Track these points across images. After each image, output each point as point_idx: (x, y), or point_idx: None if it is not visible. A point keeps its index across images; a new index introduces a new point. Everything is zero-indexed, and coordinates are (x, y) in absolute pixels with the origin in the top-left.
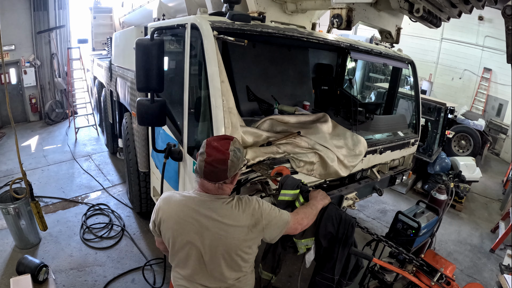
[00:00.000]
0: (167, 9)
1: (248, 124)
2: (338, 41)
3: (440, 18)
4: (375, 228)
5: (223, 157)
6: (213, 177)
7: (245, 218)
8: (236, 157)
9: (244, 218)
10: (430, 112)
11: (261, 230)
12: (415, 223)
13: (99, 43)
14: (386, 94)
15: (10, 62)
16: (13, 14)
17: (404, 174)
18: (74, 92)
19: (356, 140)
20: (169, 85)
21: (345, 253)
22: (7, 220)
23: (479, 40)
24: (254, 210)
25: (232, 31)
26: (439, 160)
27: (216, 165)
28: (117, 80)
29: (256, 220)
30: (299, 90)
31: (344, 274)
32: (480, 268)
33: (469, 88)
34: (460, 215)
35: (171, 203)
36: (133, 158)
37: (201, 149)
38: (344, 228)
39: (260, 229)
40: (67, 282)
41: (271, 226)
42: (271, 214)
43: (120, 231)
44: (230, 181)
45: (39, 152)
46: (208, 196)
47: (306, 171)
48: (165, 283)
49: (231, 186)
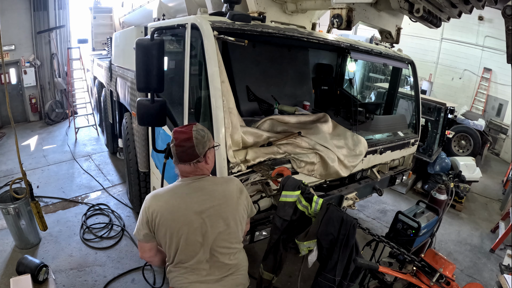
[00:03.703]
0: (167, 9)
1: (248, 124)
2: (338, 41)
3: (440, 18)
4: (375, 228)
5: (187, 136)
6: (185, 157)
7: (231, 186)
8: (200, 135)
9: (230, 186)
10: (430, 112)
11: (246, 198)
12: (415, 223)
13: (99, 43)
14: (386, 94)
15: (10, 62)
16: (13, 14)
17: (404, 174)
18: (74, 92)
19: (357, 140)
20: (169, 85)
21: (346, 254)
22: (7, 220)
23: (479, 40)
24: (236, 181)
25: (232, 31)
26: (439, 160)
27: (183, 144)
28: (117, 80)
29: (241, 188)
30: (299, 90)
31: (345, 276)
32: (480, 268)
33: (469, 88)
34: (460, 215)
35: (159, 198)
36: (133, 158)
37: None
38: (345, 229)
39: (245, 197)
40: (67, 282)
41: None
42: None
43: (120, 231)
44: (204, 160)
45: (39, 152)
46: (190, 179)
47: (306, 172)
48: (165, 283)
49: (207, 166)
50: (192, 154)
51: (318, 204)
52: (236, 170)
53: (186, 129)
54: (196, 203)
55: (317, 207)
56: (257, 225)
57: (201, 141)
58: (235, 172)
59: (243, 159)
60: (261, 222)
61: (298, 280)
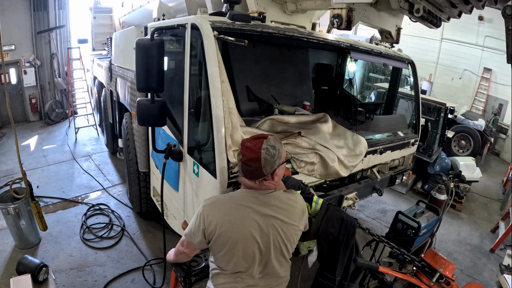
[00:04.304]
0: (167, 9)
1: (248, 124)
2: (338, 41)
3: (440, 18)
4: (375, 228)
5: (255, 156)
6: (250, 175)
7: (296, 208)
8: (269, 154)
9: (294, 208)
10: (430, 112)
11: (305, 219)
12: (415, 223)
13: (99, 43)
14: (386, 94)
15: (10, 62)
16: (13, 14)
17: (404, 174)
18: (74, 92)
19: (357, 140)
20: (169, 85)
21: (346, 254)
22: (7, 220)
23: (479, 40)
24: (300, 201)
25: (232, 31)
26: (439, 160)
27: (250, 164)
28: (117, 80)
29: (303, 210)
30: (299, 90)
31: (345, 276)
32: (480, 268)
33: (469, 88)
34: (460, 215)
35: (219, 207)
36: (133, 158)
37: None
38: (346, 229)
39: (305, 219)
40: (67, 282)
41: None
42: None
43: (120, 231)
44: (270, 178)
45: (39, 152)
46: (256, 192)
47: (307, 172)
48: (165, 283)
49: (273, 182)
50: (259, 174)
51: (318, 204)
52: (236, 170)
53: (255, 146)
54: (258, 218)
55: (317, 207)
56: None
57: (269, 161)
58: (235, 172)
59: None
60: None
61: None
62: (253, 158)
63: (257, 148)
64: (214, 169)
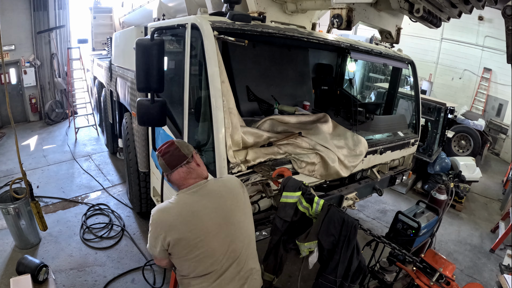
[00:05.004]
0: (167, 9)
1: (248, 124)
2: (338, 41)
3: (440, 18)
4: (375, 228)
5: (169, 143)
6: (174, 161)
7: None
8: (180, 141)
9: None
10: (430, 112)
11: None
12: (415, 223)
13: (99, 43)
14: (386, 94)
15: (10, 62)
16: (13, 14)
17: (404, 174)
18: (74, 92)
19: (357, 140)
20: (169, 85)
21: (347, 255)
22: (7, 220)
23: (479, 40)
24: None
25: (232, 31)
26: (439, 160)
27: (168, 150)
28: (117, 80)
29: (241, 183)
30: (299, 90)
31: (346, 277)
32: (480, 268)
33: (469, 88)
34: (460, 215)
35: (169, 211)
36: (133, 158)
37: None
38: (347, 230)
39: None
40: (67, 282)
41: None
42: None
43: (120, 231)
44: (194, 161)
45: (39, 152)
46: (194, 187)
47: (307, 172)
48: (165, 283)
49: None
50: (179, 155)
51: (319, 205)
52: (236, 171)
53: (166, 141)
54: (209, 209)
55: (318, 208)
56: (257, 225)
57: (183, 144)
58: (235, 172)
59: (243, 159)
60: (261, 222)
61: (298, 280)
62: (168, 145)
63: (168, 141)
64: (214, 169)
